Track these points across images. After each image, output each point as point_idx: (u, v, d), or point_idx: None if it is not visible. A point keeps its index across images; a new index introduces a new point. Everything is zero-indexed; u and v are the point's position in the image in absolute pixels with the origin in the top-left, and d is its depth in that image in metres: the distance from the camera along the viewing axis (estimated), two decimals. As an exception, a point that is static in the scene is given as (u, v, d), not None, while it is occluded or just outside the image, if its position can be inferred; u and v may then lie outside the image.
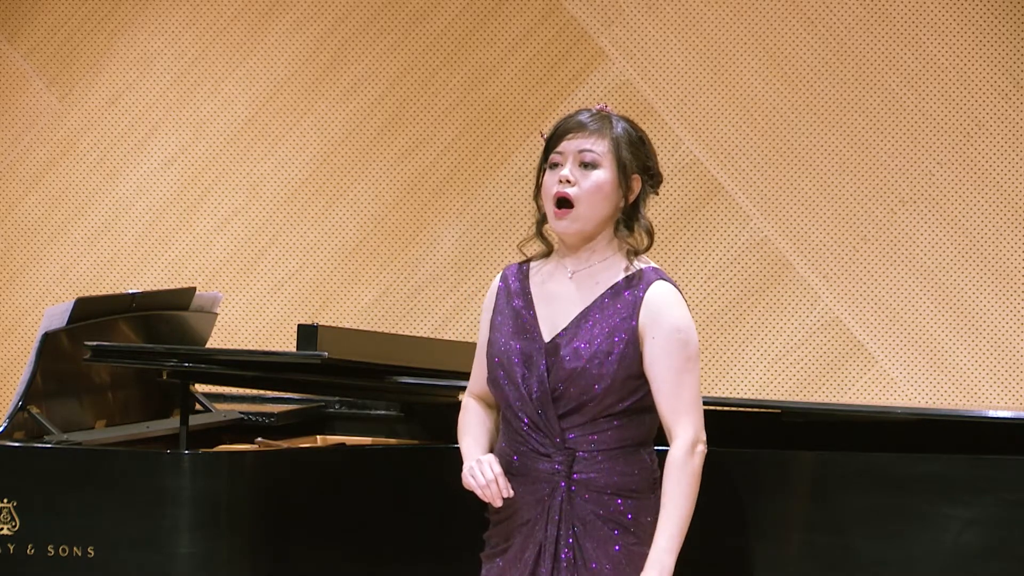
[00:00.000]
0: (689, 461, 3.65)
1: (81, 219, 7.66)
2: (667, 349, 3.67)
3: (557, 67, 7.31)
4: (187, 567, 4.43)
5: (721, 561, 4.36)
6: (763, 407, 4.91)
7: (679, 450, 3.65)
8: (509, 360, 3.72)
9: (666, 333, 3.67)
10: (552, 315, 3.74)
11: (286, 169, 7.53)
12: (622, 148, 3.73)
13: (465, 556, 3.88)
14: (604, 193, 3.72)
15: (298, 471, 4.62)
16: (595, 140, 3.72)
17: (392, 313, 7.40)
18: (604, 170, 3.73)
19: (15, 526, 4.50)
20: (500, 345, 3.75)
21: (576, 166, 3.72)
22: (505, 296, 3.80)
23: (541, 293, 3.77)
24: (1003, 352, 6.94)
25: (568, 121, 3.76)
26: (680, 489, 3.64)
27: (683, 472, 3.65)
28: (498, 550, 3.76)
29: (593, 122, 3.74)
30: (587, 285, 3.74)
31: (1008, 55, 6.98)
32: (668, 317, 3.68)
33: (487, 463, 3.69)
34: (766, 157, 7.14)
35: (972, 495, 4.24)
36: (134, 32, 7.65)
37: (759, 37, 7.14)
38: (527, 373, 3.70)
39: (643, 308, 3.69)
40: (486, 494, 3.67)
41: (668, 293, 3.72)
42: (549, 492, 3.69)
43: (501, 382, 3.74)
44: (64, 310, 4.97)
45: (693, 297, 7.15)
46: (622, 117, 3.79)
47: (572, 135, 3.73)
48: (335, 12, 7.50)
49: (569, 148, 3.73)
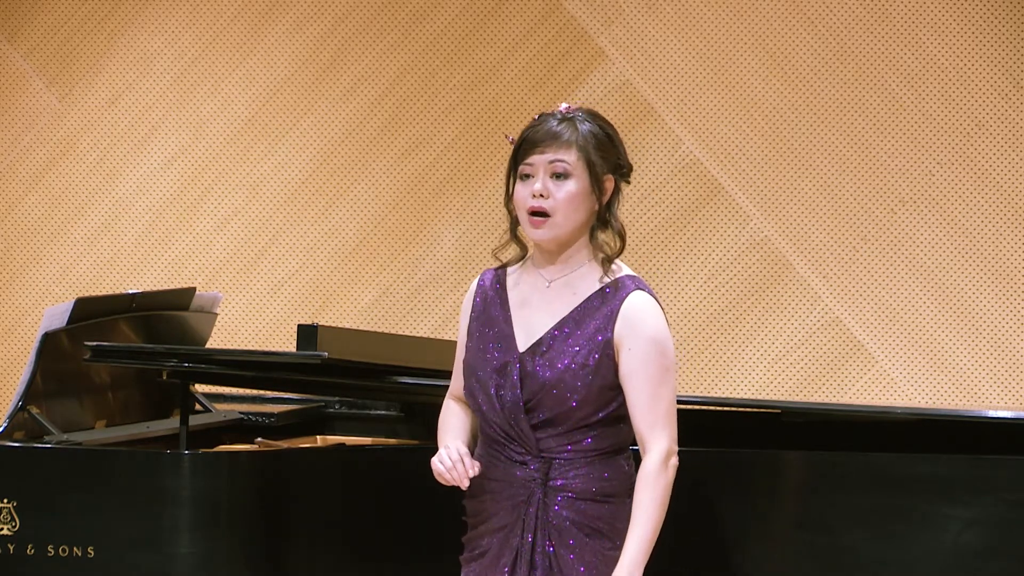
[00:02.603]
0: (663, 473, 3.63)
1: (81, 219, 7.66)
2: (643, 360, 3.65)
3: (557, 67, 7.31)
4: (187, 567, 4.44)
5: (721, 561, 4.36)
6: (763, 407, 4.91)
7: (652, 462, 3.63)
8: (483, 370, 3.72)
9: (642, 344, 3.65)
10: (528, 324, 3.73)
11: (286, 169, 7.53)
12: (591, 153, 3.71)
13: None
14: (578, 202, 3.70)
15: (298, 471, 4.62)
16: (564, 150, 3.70)
17: (392, 313, 7.40)
18: (576, 179, 3.70)
19: (15, 526, 4.50)
20: (475, 354, 3.75)
21: (548, 177, 3.71)
22: (483, 302, 3.80)
23: (518, 301, 3.76)
24: (1003, 352, 6.94)
25: (535, 131, 3.73)
26: (652, 502, 3.62)
27: (656, 484, 3.62)
28: (475, 554, 3.77)
29: (563, 131, 3.71)
30: (564, 295, 3.73)
31: (1008, 55, 6.98)
32: (644, 328, 3.66)
33: (453, 447, 3.70)
34: (766, 157, 7.14)
35: (972, 495, 4.24)
36: (134, 32, 7.65)
37: (759, 37, 7.14)
38: (501, 383, 3.70)
39: (619, 319, 3.67)
40: (453, 475, 3.67)
41: (645, 303, 3.69)
42: (525, 498, 3.69)
43: (475, 392, 3.74)
44: (64, 310, 4.96)
45: (693, 298, 7.16)
46: (587, 114, 3.75)
47: (542, 147, 3.71)
48: (335, 12, 7.50)
49: (540, 160, 3.71)
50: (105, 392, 5.22)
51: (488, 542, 3.74)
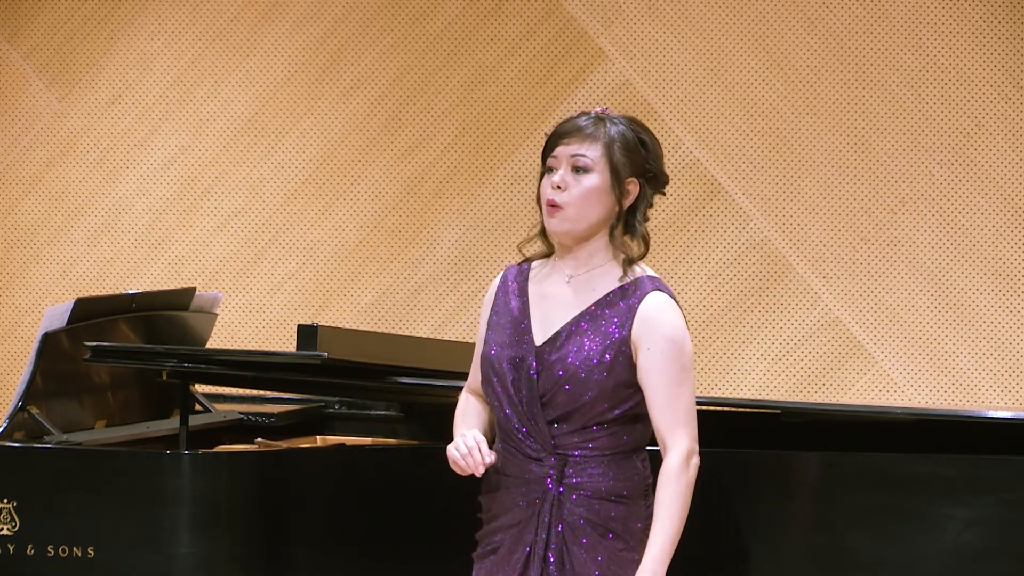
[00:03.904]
0: (684, 473, 3.63)
1: (81, 219, 7.66)
2: (662, 360, 3.65)
3: (557, 67, 7.31)
4: (187, 567, 4.44)
5: (722, 561, 4.36)
6: (763, 407, 4.91)
7: (674, 462, 3.63)
8: (500, 363, 3.72)
9: (661, 343, 3.65)
10: (546, 319, 3.73)
11: (286, 169, 7.53)
12: (615, 152, 3.71)
13: (464, 556, 3.88)
14: (594, 198, 3.70)
15: (298, 471, 4.62)
16: (588, 145, 3.71)
17: (392, 313, 7.40)
18: (596, 175, 3.71)
19: (15, 526, 4.50)
20: (493, 346, 3.75)
21: (569, 171, 3.71)
22: (504, 296, 3.79)
23: (538, 295, 3.76)
24: (1003, 352, 6.95)
25: (564, 125, 3.75)
26: (675, 500, 3.62)
27: (678, 483, 3.63)
28: (488, 551, 3.76)
29: (588, 126, 3.72)
30: (584, 291, 3.73)
31: (1008, 55, 6.98)
32: (663, 327, 3.66)
33: (470, 435, 3.68)
34: (766, 157, 7.14)
35: (972, 495, 4.24)
36: (134, 32, 7.65)
37: (759, 37, 7.14)
38: (517, 376, 3.70)
39: (637, 318, 3.67)
40: (468, 463, 3.65)
41: (664, 303, 3.69)
42: (540, 495, 3.69)
43: (493, 384, 3.74)
44: (64, 310, 4.97)
45: (693, 298, 7.16)
46: (625, 119, 3.76)
47: (567, 140, 3.72)
48: (335, 12, 7.50)
49: (563, 153, 3.72)
50: (105, 392, 5.23)
51: (501, 538, 3.74)
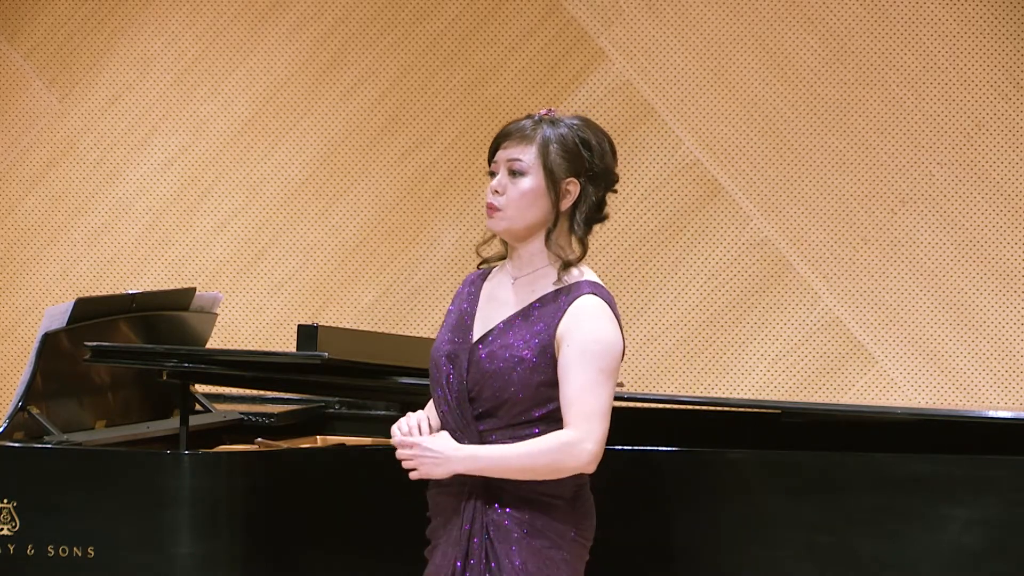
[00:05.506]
0: (562, 450, 3.63)
1: (81, 219, 7.66)
2: (580, 358, 3.65)
3: (557, 67, 7.32)
4: (187, 567, 4.44)
5: (722, 561, 4.36)
6: (763, 407, 4.91)
7: (565, 437, 3.63)
8: (440, 357, 3.78)
9: (580, 343, 3.66)
10: (488, 318, 3.79)
11: (286, 169, 7.53)
12: (550, 154, 3.73)
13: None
14: (530, 200, 3.73)
15: (298, 471, 4.62)
16: (523, 148, 3.74)
17: (392, 313, 7.40)
18: (530, 178, 3.73)
19: (15, 526, 4.50)
20: (436, 343, 3.82)
21: (506, 174, 3.76)
22: (461, 297, 3.87)
23: (487, 296, 3.83)
24: (1003, 352, 6.95)
25: (506, 128, 3.80)
26: (537, 447, 3.62)
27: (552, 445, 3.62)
28: (432, 548, 3.83)
29: (527, 128, 3.76)
30: (524, 292, 3.77)
31: (1008, 55, 6.98)
32: (586, 328, 3.67)
33: (414, 416, 3.73)
34: (766, 157, 7.14)
35: (972, 495, 4.24)
36: (134, 32, 7.65)
37: (759, 37, 7.15)
38: (452, 372, 3.75)
39: (564, 318, 3.69)
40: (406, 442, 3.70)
41: (593, 306, 3.70)
42: (467, 494, 3.73)
43: (435, 380, 3.81)
44: (64, 310, 4.97)
45: (693, 298, 7.16)
46: (573, 119, 3.78)
47: (505, 143, 3.77)
48: (335, 12, 7.50)
49: (502, 157, 3.77)
50: (105, 392, 5.23)
51: (439, 537, 3.80)
